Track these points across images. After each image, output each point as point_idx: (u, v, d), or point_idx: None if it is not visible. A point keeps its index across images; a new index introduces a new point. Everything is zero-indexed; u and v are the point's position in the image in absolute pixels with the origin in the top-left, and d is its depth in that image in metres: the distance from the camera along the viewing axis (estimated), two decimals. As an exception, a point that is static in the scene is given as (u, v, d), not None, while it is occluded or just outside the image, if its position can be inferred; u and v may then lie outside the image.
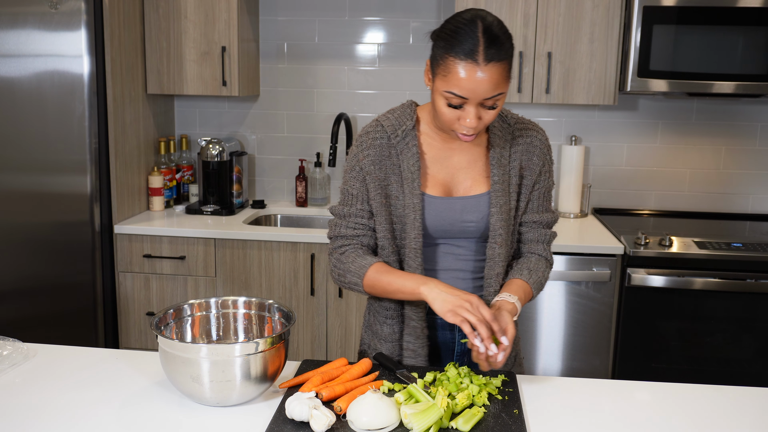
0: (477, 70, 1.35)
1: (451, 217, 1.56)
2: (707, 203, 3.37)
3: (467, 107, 1.41)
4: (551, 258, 1.68)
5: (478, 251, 1.60)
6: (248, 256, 2.93)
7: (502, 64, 1.37)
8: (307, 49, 3.42)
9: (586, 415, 1.39)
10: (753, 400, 1.47)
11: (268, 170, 3.55)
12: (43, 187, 2.85)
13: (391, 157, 1.55)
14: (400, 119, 1.57)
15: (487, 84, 1.36)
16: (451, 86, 1.38)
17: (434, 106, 1.46)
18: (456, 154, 1.59)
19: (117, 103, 2.91)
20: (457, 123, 1.44)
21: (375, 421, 1.26)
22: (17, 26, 2.75)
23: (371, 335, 1.69)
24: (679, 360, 2.81)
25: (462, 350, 1.64)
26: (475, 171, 1.59)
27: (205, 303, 1.58)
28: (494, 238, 1.56)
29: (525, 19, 2.95)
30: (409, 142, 1.54)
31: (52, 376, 1.52)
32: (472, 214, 1.57)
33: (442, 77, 1.40)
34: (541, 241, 1.66)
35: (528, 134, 1.60)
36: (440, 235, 1.58)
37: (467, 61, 1.35)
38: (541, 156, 1.61)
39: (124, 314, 3.02)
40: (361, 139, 1.58)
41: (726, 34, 2.84)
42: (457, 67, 1.36)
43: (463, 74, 1.36)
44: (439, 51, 1.41)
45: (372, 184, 1.55)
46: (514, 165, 1.59)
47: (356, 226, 1.58)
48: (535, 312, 2.86)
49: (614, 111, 3.34)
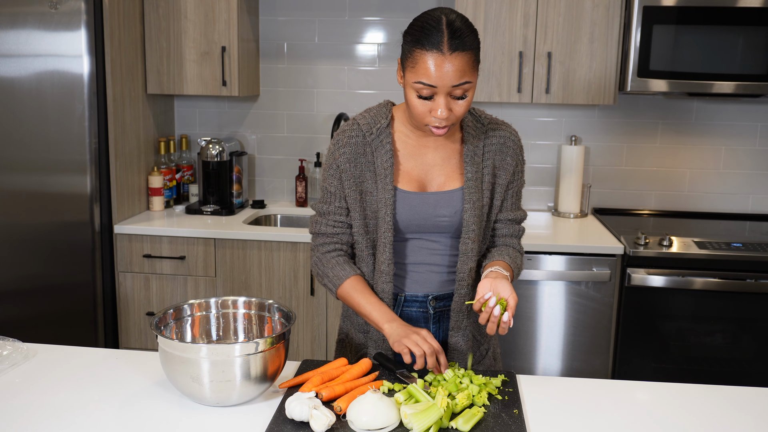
0: (443, 59, 1.42)
1: (424, 212, 1.60)
2: (707, 203, 3.37)
3: (437, 98, 1.46)
4: (523, 251, 1.77)
5: (451, 246, 1.65)
6: (248, 256, 2.93)
7: (467, 54, 1.44)
8: (307, 49, 3.42)
9: (586, 415, 1.39)
10: (753, 400, 1.48)
11: (268, 170, 3.55)
12: (43, 187, 2.85)
13: (366, 154, 1.60)
14: (375, 118, 1.62)
15: (453, 72, 1.43)
16: (420, 76, 1.44)
17: (407, 102, 1.52)
18: (430, 151, 1.63)
19: (117, 103, 2.91)
20: (428, 116, 1.49)
21: (375, 421, 1.26)
22: (17, 26, 2.75)
23: (349, 325, 1.75)
24: (679, 360, 2.81)
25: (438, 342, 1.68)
26: (449, 167, 1.63)
27: (205, 303, 1.58)
28: (467, 234, 1.60)
29: (525, 19, 2.95)
30: (383, 140, 1.60)
31: (52, 376, 1.52)
32: (446, 209, 1.61)
33: (411, 69, 1.46)
34: (515, 236, 1.73)
35: (501, 134, 1.66)
36: (414, 229, 1.62)
37: (433, 51, 1.42)
38: (514, 156, 1.66)
39: (124, 314, 3.02)
40: (337, 137, 1.63)
41: (726, 34, 2.84)
42: (425, 57, 1.43)
43: (430, 63, 1.43)
44: (408, 46, 1.48)
45: (347, 182, 1.60)
46: (488, 163, 1.64)
47: (335, 224, 1.65)
48: (535, 312, 2.86)
49: (614, 111, 3.34)
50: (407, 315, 1.66)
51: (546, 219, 3.28)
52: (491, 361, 1.75)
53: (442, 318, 1.67)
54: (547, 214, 3.38)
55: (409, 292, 1.66)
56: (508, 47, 2.98)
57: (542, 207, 3.45)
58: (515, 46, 2.97)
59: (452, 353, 1.66)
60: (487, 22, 2.96)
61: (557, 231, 3.06)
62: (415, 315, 1.66)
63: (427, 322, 1.67)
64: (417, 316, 1.66)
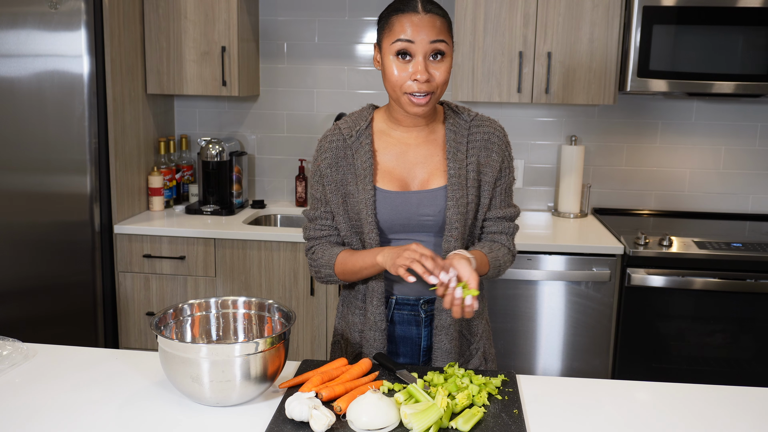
0: (419, 17, 1.49)
1: (407, 211, 1.59)
2: (707, 203, 3.37)
3: (416, 59, 1.49)
4: (514, 249, 1.72)
5: (437, 245, 1.63)
6: (248, 256, 2.93)
7: (440, 18, 1.51)
8: (307, 49, 3.42)
9: (586, 415, 1.39)
10: (753, 400, 1.48)
11: (268, 170, 3.55)
12: (43, 187, 2.85)
13: (347, 157, 1.61)
14: (356, 121, 1.64)
15: (429, 27, 1.48)
16: (397, 34, 1.49)
17: (386, 75, 1.54)
18: (412, 149, 1.63)
19: (117, 103, 2.91)
20: (408, 82, 1.50)
21: (375, 421, 1.26)
22: (17, 26, 2.75)
23: (344, 325, 1.74)
24: (679, 360, 2.81)
25: (428, 345, 1.67)
26: (431, 165, 1.62)
27: (205, 303, 1.58)
28: (450, 232, 1.59)
29: (525, 19, 2.95)
30: (363, 141, 1.61)
31: (52, 376, 1.52)
32: (429, 208, 1.60)
33: (388, 34, 1.52)
34: (505, 232, 1.70)
35: (485, 130, 1.65)
36: (398, 229, 1.61)
37: (408, 12, 1.50)
38: (500, 152, 1.65)
39: (124, 314, 3.02)
40: (320, 144, 1.66)
41: (726, 34, 2.84)
42: (401, 18, 1.50)
43: (407, 22, 1.49)
44: (384, 21, 1.54)
45: (329, 186, 1.62)
46: (472, 160, 1.62)
47: (322, 228, 1.68)
48: (535, 312, 2.86)
49: (614, 111, 3.34)
50: (399, 318, 1.66)
51: (546, 219, 3.28)
52: (480, 361, 1.72)
53: (434, 321, 1.65)
54: (547, 214, 3.38)
55: (400, 295, 1.65)
56: (508, 47, 2.98)
57: (542, 207, 3.45)
58: (515, 46, 2.97)
59: (437, 353, 1.63)
60: (487, 22, 2.96)
61: (557, 231, 3.06)
62: (406, 318, 1.66)
63: (419, 326, 1.66)
64: (408, 319, 1.66)
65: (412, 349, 1.68)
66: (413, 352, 1.68)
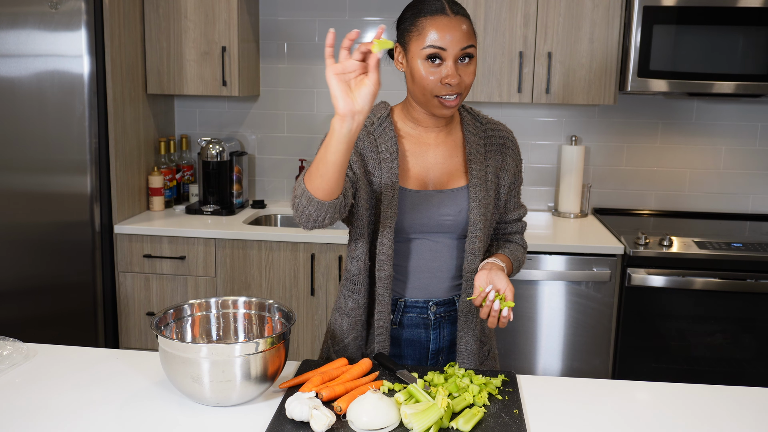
0: (449, 20, 1.47)
1: (428, 211, 1.58)
2: (707, 203, 3.37)
3: (446, 63, 1.47)
4: (527, 245, 1.80)
5: (455, 248, 1.62)
6: (248, 256, 2.93)
7: (467, 20, 1.50)
8: (307, 49, 3.42)
9: (586, 415, 1.39)
10: (753, 400, 1.47)
11: (268, 170, 3.55)
12: (43, 187, 2.85)
13: (371, 146, 1.58)
14: (374, 110, 1.64)
15: (459, 32, 1.47)
16: (429, 41, 1.47)
17: (414, 77, 1.51)
18: (431, 150, 1.62)
19: (117, 103, 2.91)
20: (439, 86, 1.48)
21: (375, 421, 1.26)
22: (17, 26, 2.75)
23: (339, 315, 1.69)
24: (679, 360, 2.81)
25: (437, 347, 1.67)
26: (451, 166, 1.62)
27: (205, 303, 1.58)
28: (474, 232, 1.59)
29: (525, 19, 2.95)
30: (385, 127, 1.60)
31: (52, 376, 1.52)
32: (450, 208, 1.59)
33: (417, 38, 1.49)
34: (518, 231, 1.77)
35: (500, 134, 1.67)
36: (417, 229, 1.59)
37: (438, 15, 1.47)
38: (514, 158, 1.69)
39: (124, 314, 3.02)
40: None
41: (726, 34, 2.84)
42: (431, 21, 1.47)
43: (438, 25, 1.46)
44: (408, 22, 1.51)
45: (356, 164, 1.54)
46: (489, 162, 1.64)
47: None
48: (535, 312, 2.86)
49: (614, 111, 3.34)
50: (407, 321, 1.64)
51: (546, 219, 3.28)
52: (492, 361, 1.75)
53: (442, 324, 1.65)
54: (547, 214, 3.38)
55: (410, 298, 1.63)
56: (508, 47, 2.98)
57: (542, 207, 3.45)
58: (515, 46, 2.97)
59: (462, 355, 1.63)
60: (487, 22, 2.96)
61: (557, 231, 3.05)
62: (415, 320, 1.64)
63: (427, 328, 1.65)
64: (417, 322, 1.64)
65: (420, 351, 1.67)
66: (420, 355, 1.67)
